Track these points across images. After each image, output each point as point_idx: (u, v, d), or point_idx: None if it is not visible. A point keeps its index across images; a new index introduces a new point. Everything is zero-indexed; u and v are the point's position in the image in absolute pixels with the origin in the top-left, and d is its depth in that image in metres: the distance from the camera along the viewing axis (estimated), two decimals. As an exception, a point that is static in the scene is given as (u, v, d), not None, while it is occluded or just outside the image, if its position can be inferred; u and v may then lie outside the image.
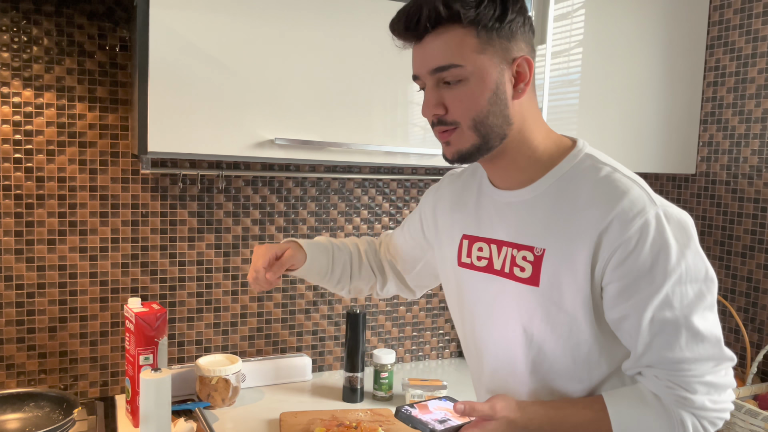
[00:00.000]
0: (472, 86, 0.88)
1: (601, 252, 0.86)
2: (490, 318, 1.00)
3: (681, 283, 0.84)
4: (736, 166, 1.82)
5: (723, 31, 1.86)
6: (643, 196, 0.86)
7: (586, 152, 0.94)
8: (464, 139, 0.91)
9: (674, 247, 0.84)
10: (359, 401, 1.60)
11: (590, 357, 0.91)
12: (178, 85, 1.25)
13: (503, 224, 0.97)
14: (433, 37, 0.88)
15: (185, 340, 1.65)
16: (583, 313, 0.89)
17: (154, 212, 1.59)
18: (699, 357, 0.85)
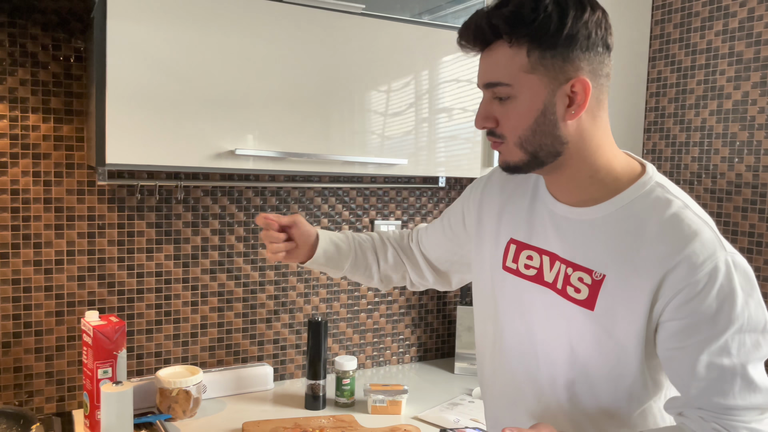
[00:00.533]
0: (520, 105, 0.88)
1: (665, 290, 0.85)
2: (533, 327, 0.98)
3: (741, 332, 0.84)
4: (677, 173, 1.91)
5: (664, 45, 1.96)
6: (714, 240, 0.85)
7: (656, 181, 0.92)
8: (512, 153, 0.91)
9: (740, 295, 0.84)
10: (322, 408, 1.61)
11: (633, 387, 0.91)
12: (137, 96, 1.25)
13: (559, 238, 0.95)
14: (487, 52, 0.90)
15: (144, 353, 1.64)
16: (634, 345, 0.88)
17: (111, 224, 1.57)
18: (749, 405, 0.85)
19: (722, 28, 1.80)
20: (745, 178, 1.75)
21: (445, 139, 1.60)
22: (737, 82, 1.77)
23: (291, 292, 1.80)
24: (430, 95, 1.57)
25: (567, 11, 0.85)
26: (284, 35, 1.38)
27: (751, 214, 1.74)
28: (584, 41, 0.86)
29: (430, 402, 1.67)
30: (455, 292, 2.06)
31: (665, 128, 1.96)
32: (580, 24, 0.85)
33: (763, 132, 1.71)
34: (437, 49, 1.56)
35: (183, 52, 1.29)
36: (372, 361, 1.95)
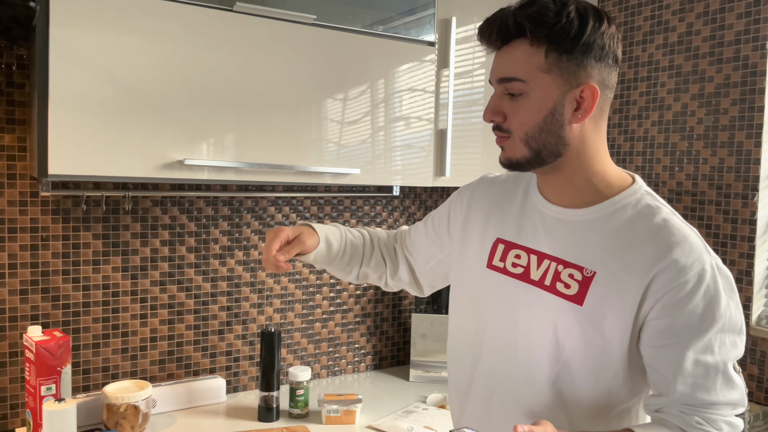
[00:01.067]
0: (531, 102, 0.91)
1: (653, 289, 0.89)
2: (518, 324, 1.00)
3: (723, 332, 0.89)
4: (623, 181, 1.98)
5: (608, 57, 2.02)
6: (700, 245, 0.91)
7: (645, 190, 0.97)
8: (516, 149, 0.95)
9: (723, 297, 0.89)
10: (275, 420, 1.60)
11: (613, 383, 0.94)
12: (81, 105, 1.23)
13: (549, 238, 0.98)
14: (506, 48, 0.93)
15: (91, 368, 1.59)
16: (619, 340, 0.92)
17: (55, 236, 1.53)
18: (728, 401, 0.90)
19: (662, 42, 1.87)
20: (685, 187, 1.82)
21: (400, 147, 1.61)
22: (677, 94, 1.84)
23: (244, 302, 1.79)
24: (385, 104, 1.58)
25: (587, 20, 0.89)
26: (234, 44, 1.38)
27: (691, 221, 1.81)
28: (599, 51, 0.90)
29: (385, 410, 1.67)
30: (410, 299, 2.07)
31: (610, 138, 2.02)
32: (597, 34, 0.90)
33: (701, 142, 1.79)
34: (391, 59, 1.58)
35: (129, 60, 1.27)
36: (327, 371, 1.95)
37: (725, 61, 1.73)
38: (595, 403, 0.96)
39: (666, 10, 1.86)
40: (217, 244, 1.73)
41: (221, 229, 1.74)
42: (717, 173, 1.75)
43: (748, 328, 1.69)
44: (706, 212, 1.77)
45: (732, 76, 1.71)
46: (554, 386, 0.97)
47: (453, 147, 1.69)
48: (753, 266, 1.68)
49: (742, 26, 1.69)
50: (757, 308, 1.70)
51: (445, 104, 1.68)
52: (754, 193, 1.67)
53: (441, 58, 1.67)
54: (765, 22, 1.64)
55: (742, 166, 1.70)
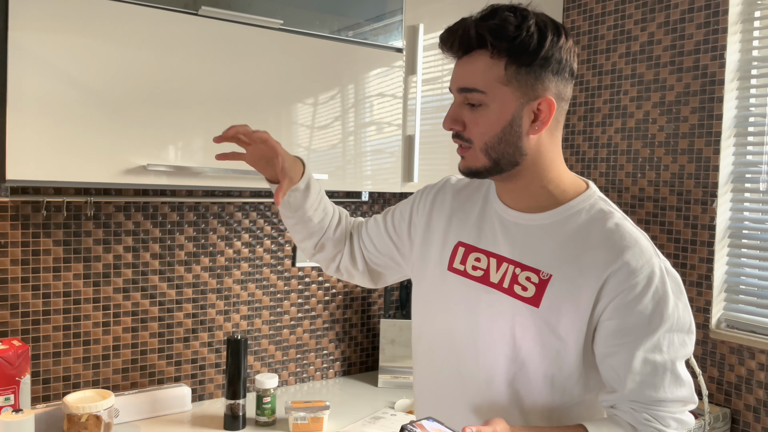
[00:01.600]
0: (490, 113, 0.93)
1: (606, 291, 0.93)
2: (478, 326, 1.02)
3: (671, 331, 0.93)
4: (588, 187, 2.01)
5: (573, 65, 2.06)
6: (649, 248, 0.95)
7: (599, 195, 1.01)
8: (475, 158, 0.97)
9: (671, 298, 0.93)
10: (241, 428, 1.58)
11: (568, 382, 0.97)
12: (40, 109, 1.20)
13: (508, 242, 1.01)
14: (467, 58, 0.95)
15: (51, 377, 1.55)
16: (574, 341, 0.95)
17: (14, 242, 1.49)
18: (676, 398, 0.94)
19: (625, 51, 1.91)
20: (647, 193, 1.86)
21: (369, 153, 1.61)
22: (639, 102, 1.88)
23: (210, 309, 1.76)
24: (354, 110, 1.58)
25: (546, 35, 0.92)
26: (200, 49, 1.36)
27: (653, 227, 1.85)
28: (556, 65, 0.93)
29: (353, 417, 1.66)
30: (379, 305, 2.07)
31: (575, 144, 2.05)
32: (556, 48, 0.92)
33: (662, 149, 1.83)
34: (359, 65, 1.58)
35: (91, 63, 1.24)
36: (295, 378, 1.93)
37: (685, 70, 1.77)
38: (550, 402, 0.99)
39: (629, 20, 1.91)
40: (183, 250, 1.71)
41: (187, 234, 1.71)
42: (678, 180, 1.79)
43: (708, 332, 1.73)
44: (668, 218, 1.82)
45: (692, 85, 1.76)
46: (511, 386, 0.99)
47: (421, 153, 1.70)
48: (712, 270, 1.72)
49: (701, 36, 1.74)
50: (717, 312, 1.74)
51: (413, 110, 1.68)
52: (713, 199, 1.72)
53: (409, 65, 1.68)
54: (723, 32, 1.69)
55: (702, 173, 1.74)
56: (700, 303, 1.75)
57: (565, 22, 2.07)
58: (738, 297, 1.73)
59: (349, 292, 2.02)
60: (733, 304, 1.73)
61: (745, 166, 1.72)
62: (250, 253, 1.82)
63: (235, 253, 1.79)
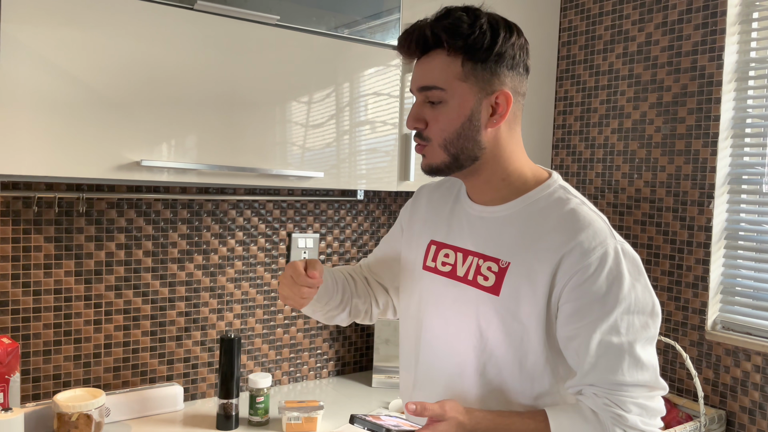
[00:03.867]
0: (450, 109, 0.96)
1: (561, 273, 0.93)
2: (448, 321, 1.04)
3: (629, 313, 0.92)
4: (583, 188, 2.01)
5: (570, 65, 2.05)
6: (605, 230, 0.95)
7: (559, 184, 1.02)
8: (435, 155, 0.99)
9: (627, 278, 0.93)
10: (234, 428, 1.57)
11: (535, 368, 0.98)
12: (32, 102, 1.18)
13: (473, 235, 1.04)
14: (425, 58, 0.98)
15: (41, 375, 1.53)
16: (535, 326, 0.96)
17: (4, 238, 1.47)
18: (637, 382, 0.92)
19: (623, 51, 1.91)
20: (643, 193, 1.86)
21: (365, 152, 1.60)
22: (636, 102, 1.88)
23: (203, 308, 1.74)
24: (350, 108, 1.57)
25: (498, 32, 0.96)
26: (196, 43, 1.35)
27: (649, 228, 1.85)
28: (510, 60, 0.97)
29: (347, 417, 1.65)
30: (373, 305, 2.06)
31: (572, 145, 2.05)
32: (508, 45, 0.96)
33: (659, 150, 1.82)
34: (356, 62, 1.57)
35: (83, 56, 1.23)
36: (289, 377, 1.92)
37: (683, 71, 1.77)
38: (521, 390, 0.99)
39: (626, 20, 1.90)
40: (176, 247, 1.69)
41: (180, 232, 1.70)
42: (674, 180, 1.79)
43: (704, 333, 1.73)
44: (664, 219, 1.81)
45: (689, 86, 1.75)
46: (483, 377, 1.01)
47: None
48: (709, 272, 1.72)
49: (699, 37, 1.74)
50: (713, 313, 1.74)
51: (408, 109, 1.67)
52: (710, 201, 1.72)
53: (406, 63, 1.66)
54: (721, 33, 1.69)
55: (699, 174, 1.74)
56: (695, 304, 1.75)
57: (563, 22, 2.07)
58: (734, 299, 1.72)
59: (344, 291, 2.00)
60: (729, 305, 1.73)
61: (742, 167, 1.72)
62: (244, 252, 1.80)
63: (228, 251, 1.77)
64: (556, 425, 0.94)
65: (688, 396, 1.76)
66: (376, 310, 1.25)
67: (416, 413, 0.92)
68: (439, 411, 0.92)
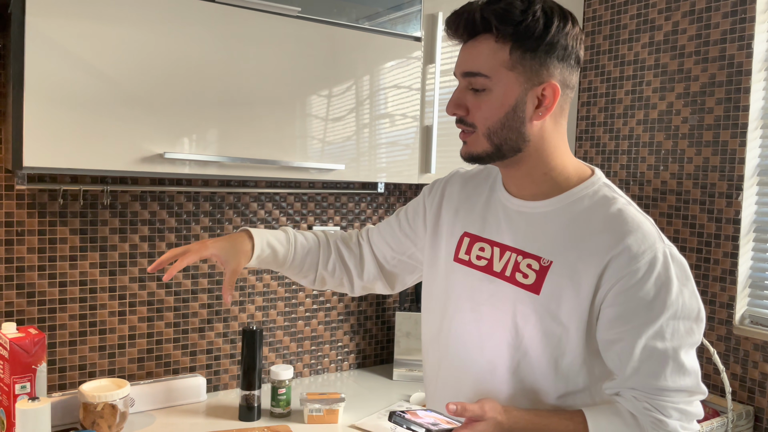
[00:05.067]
0: (494, 98, 0.93)
1: (607, 276, 0.91)
2: (481, 316, 1.02)
3: (675, 318, 0.91)
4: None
5: (594, 56, 2.02)
6: (653, 233, 0.92)
7: (603, 182, 0.99)
8: (478, 143, 0.96)
9: (675, 284, 0.90)
10: (256, 419, 1.57)
11: (571, 368, 0.96)
12: (58, 95, 1.19)
13: (511, 230, 1.00)
14: (472, 42, 0.94)
15: (67, 366, 1.56)
16: (576, 327, 0.93)
17: (31, 230, 1.49)
18: (679, 388, 0.91)
19: (648, 41, 1.87)
20: (669, 186, 1.83)
21: (385, 145, 1.59)
22: (662, 92, 1.84)
23: (225, 300, 1.75)
24: (370, 101, 1.56)
25: (552, 20, 0.91)
26: (217, 36, 1.35)
27: (676, 220, 1.81)
28: (561, 51, 0.92)
29: (368, 409, 1.65)
30: (394, 297, 2.05)
31: (596, 136, 2.02)
32: (561, 34, 0.92)
33: (686, 141, 1.79)
34: (377, 55, 1.56)
35: (107, 50, 1.23)
36: (310, 370, 1.92)
37: (711, 60, 1.73)
38: (554, 389, 0.97)
39: (652, 9, 1.86)
40: (199, 240, 1.70)
41: (202, 225, 1.71)
42: (702, 172, 1.75)
43: (731, 328, 1.70)
44: (691, 211, 1.78)
45: (717, 75, 1.72)
46: (515, 375, 0.99)
47: (438, 144, 1.68)
48: (737, 265, 1.69)
49: (728, 25, 1.70)
50: (741, 307, 1.70)
51: (431, 101, 1.66)
52: (739, 192, 1.68)
53: (427, 54, 1.65)
54: (751, 21, 1.65)
55: (727, 165, 1.70)
56: (723, 299, 1.72)
57: (587, 11, 2.03)
58: (762, 293, 1.69)
59: (365, 284, 2.00)
60: (757, 300, 1.70)
61: (771, 158, 1.68)
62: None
63: (250, 244, 1.78)
64: (594, 427, 0.92)
65: (715, 391, 1.73)
66: (359, 281, 1.23)
67: (456, 413, 0.90)
68: (479, 412, 0.90)
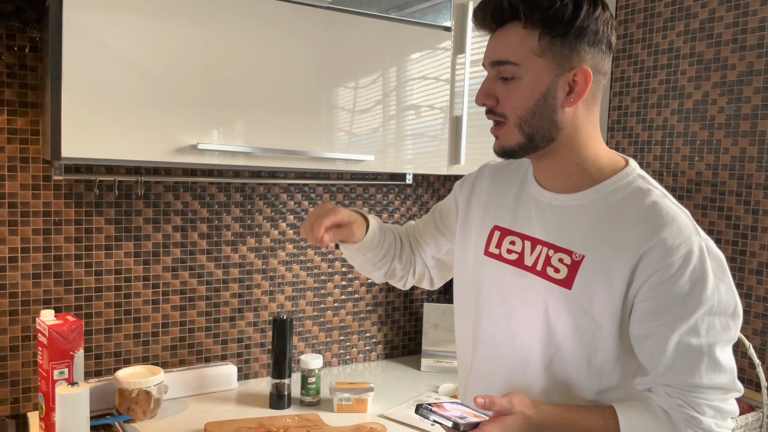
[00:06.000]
0: (524, 86, 0.91)
1: (640, 271, 0.89)
2: (512, 310, 1.01)
3: (711, 314, 0.88)
4: (640, 171, 1.94)
5: (627, 44, 1.99)
6: (689, 226, 0.90)
7: (637, 173, 0.97)
8: (510, 135, 0.94)
9: (711, 279, 0.88)
10: (287, 407, 1.59)
11: (605, 365, 0.94)
12: (94, 87, 1.21)
13: (542, 224, 0.99)
14: (500, 31, 0.93)
15: (103, 353, 1.59)
16: (609, 323, 0.91)
17: (68, 220, 1.52)
18: (714, 385, 0.89)
19: (684, 29, 1.83)
20: (705, 177, 1.79)
21: (412, 136, 1.59)
22: (698, 82, 1.80)
23: (256, 289, 1.78)
24: (397, 92, 1.56)
25: (582, 4, 0.89)
26: (249, 27, 1.36)
27: (711, 212, 1.78)
28: (592, 36, 0.90)
29: (397, 399, 1.66)
30: (422, 289, 2.05)
31: (628, 127, 1.99)
32: (591, 19, 0.90)
33: (722, 131, 1.75)
34: (405, 45, 1.55)
35: (143, 42, 1.25)
36: (338, 359, 1.94)
37: (748, 48, 1.69)
38: (587, 385, 0.96)
39: (688, -4, 1.82)
40: (229, 230, 1.72)
41: (233, 215, 1.73)
42: (738, 163, 1.71)
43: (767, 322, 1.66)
44: (726, 203, 1.74)
45: (755, 64, 1.67)
46: (548, 370, 0.97)
47: (468, 135, 1.67)
48: (774, 258, 1.65)
49: (766, 12, 1.65)
50: (777, 301, 1.67)
51: (461, 92, 1.65)
52: (777, 184, 1.64)
53: (457, 44, 1.64)
54: (791, 8, 1.60)
55: (765, 156, 1.66)
56: (759, 292, 1.68)
57: (619, 0, 2.00)
58: (801, 287, 1.65)
59: (393, 275, 2.00)
60: (795, 294, 1.66)
61: (811, 149, 1.63)
62: (294, 235, 1.82)
63: (280, 234, 1.80)
64: (626, 423, 0.90)
65: (750, 386, 1.70)
66: (411, 278, 1.23)
67: (484, 407, 0.89)
68: (507, 406, 0.89)
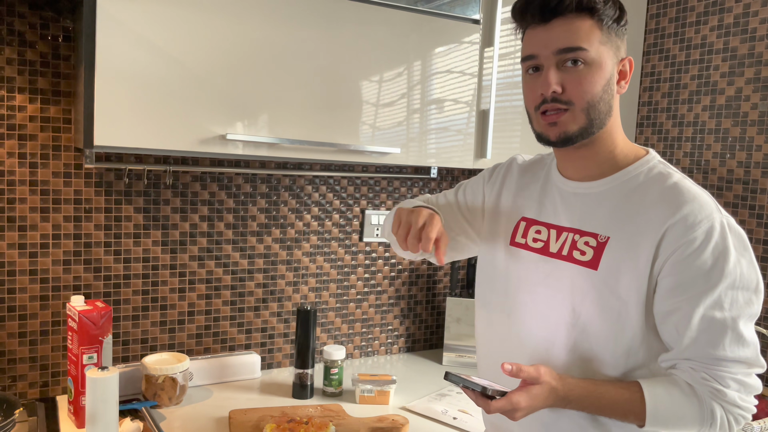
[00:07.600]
0: (592, 71, 0.96)
1: (664, 247, 0.92)
2: (537, 296, 1.04)
3: (734, 288, 0.91)
4: (669, 168, 1.91)
5: (658, 39, 1.95)
6: (710, 203, 0.93)
7: (658, 160, 1.02)
8: (575, 120, 0.97)
9: (733, 253, 0.90)
10: (309, 397, 1.61)
11: (632, 344, 0.96)
12: (126, 77, 1.23)
13: (568, 212, 1.03)
14: (562, 20, 0.96)
15: (130, 339, 1.62)
16: (635, 301, 0.94)
17: (98, 208, 1.55)
18: (737, 358, 0.91)
19: (717, 24, 1.80)
20: (736, 174, 1.76)
21: (437, 130, 1.58)
22: (731, 77, 1.77)
23: (280, 280, 1.79)
24: (422, 86, 1.55)
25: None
26: (277, 21, 1.36)
27: (742, 210, 1.74)
28: (625, 28, 1.00)
29: (418, 392, 1.66)
30: (445, 283, 2.05)
31: (658, 123, 1.96)
32: (625, 12, 1.00)
33: (755, 128, 1.71)
34: (431, 38, 1.54)
35: (174, 32, 1.26)
36: (360, 351, 1.94)
37: (785, 43, 1.65)
38: (613, 365, 0.97)
39: (722, -10, 1.78)
40: (255, 221, 1.74)
41: (259, 206, 1.74)
42: (771, 161, 1.68)
43: (798, 323, 1.63)
44: (758, 201, 1.71)
45: (791, 60, 1.63)
46: (573, 352, 0.99)
47: (495, 129, 1.65)
48: (806, 259, 1.61)
49: (804, 7, 1.61)
50: (809, 302, 1.63)
51: (488, 85, 1.64)
52: (811, 183, 1.60)
53: (485, 37, 1.63)
54: (830, 2, 1.56)
55: (799, 154, 1.62)
56: (790, 293, 1.65)
57: (651, -7, 1.96)
58: (834, 288, 1.61)
59: (415, 269, 2.00)
60: (827, 295, 1.62)
61: None
62: (319, 227, 1.83)
63: (304, 226, 1.81)
64: (651, 396, 0.92)
65: (778, 389, 1.67)
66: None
67: (511, 374, 0.91)
68: (534, 374, 0.92)
